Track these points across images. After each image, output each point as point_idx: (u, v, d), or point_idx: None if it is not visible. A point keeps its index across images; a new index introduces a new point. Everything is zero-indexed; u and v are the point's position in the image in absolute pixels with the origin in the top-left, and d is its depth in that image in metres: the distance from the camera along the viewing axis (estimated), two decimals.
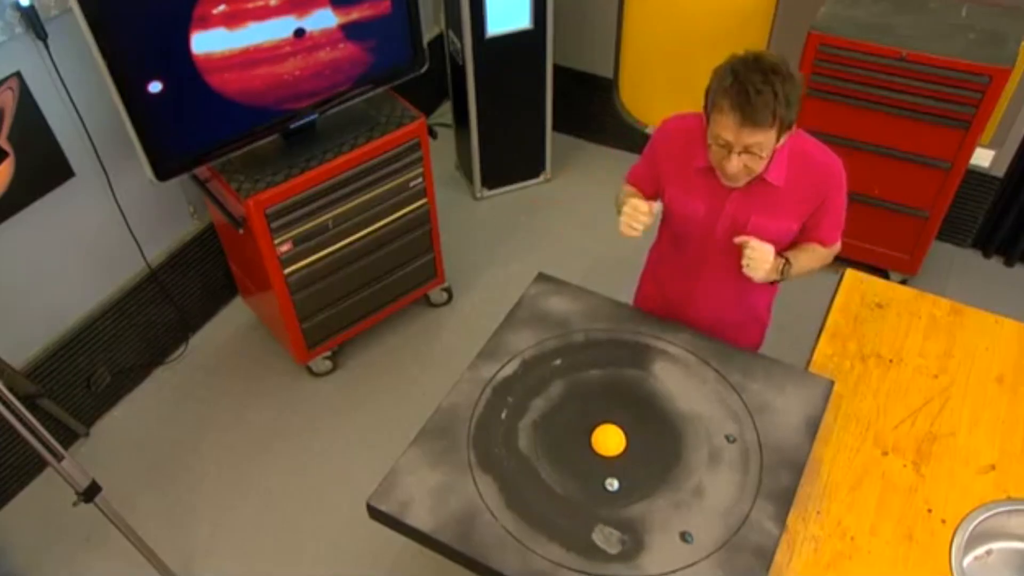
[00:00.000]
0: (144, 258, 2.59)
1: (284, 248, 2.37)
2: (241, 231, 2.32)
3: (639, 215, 1.58)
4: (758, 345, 1.98)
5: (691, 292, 1.84)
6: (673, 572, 1.38)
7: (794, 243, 1.71)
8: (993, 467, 1.60)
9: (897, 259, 2.91)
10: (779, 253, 1.64)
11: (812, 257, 1.70)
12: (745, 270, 1.58)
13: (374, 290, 2.72)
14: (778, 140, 1.48)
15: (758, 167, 1.52)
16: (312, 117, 2.34)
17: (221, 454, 2.57)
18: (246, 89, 2.14)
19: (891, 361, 1.80)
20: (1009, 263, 3.11)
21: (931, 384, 1.76)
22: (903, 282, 2.83)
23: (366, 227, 2.54)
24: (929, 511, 1.53)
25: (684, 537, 1.43)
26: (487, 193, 3.47)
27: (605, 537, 1.44)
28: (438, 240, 2.80)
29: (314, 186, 2.33)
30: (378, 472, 1.57)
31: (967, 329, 1.87)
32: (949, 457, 1.62)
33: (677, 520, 1.46)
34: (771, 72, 1.38)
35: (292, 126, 2.31)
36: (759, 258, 1.57)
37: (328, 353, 2.76)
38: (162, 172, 2.12)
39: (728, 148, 1.47)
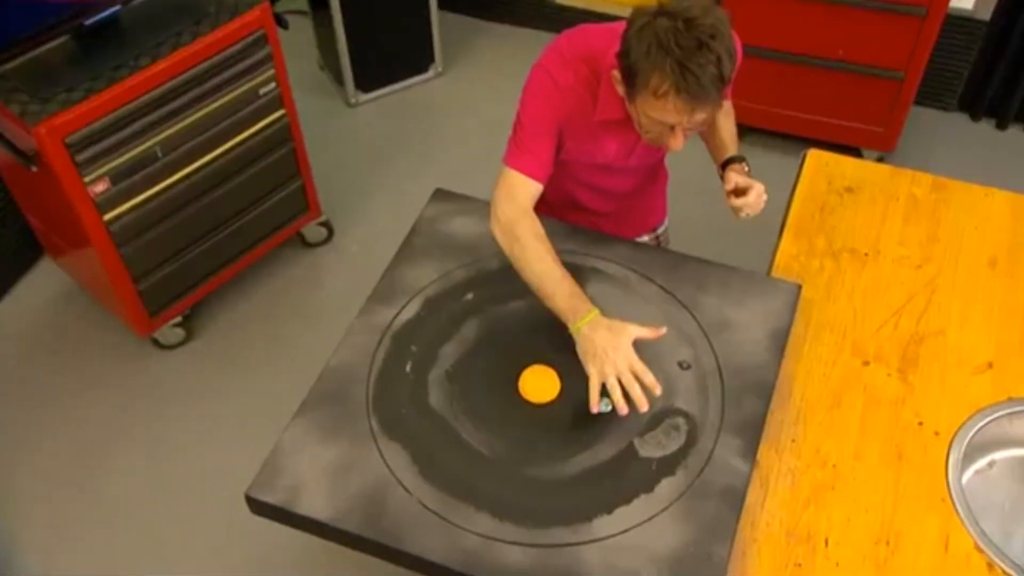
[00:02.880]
0: None
1: (98, 188, 2.30)
2: (34, 169, 2.23)
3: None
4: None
5: (602, 222, 1.94)
6: (627, 531, 1.43)
7: None
8: (990, 365, 1.71)
9: (870, 133, 3.02)
10: (726, 161, 1.79)
11: (731, 118, 1.88)
12: (745, 215, 1.72)
13: (229, 232, 2.68)
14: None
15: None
16: (113, 9, 2.26)
17: (50, 463, 2.52)
18: None
19: (867, 255, 1.89)
20: (1001, 125, 3.26)
21: (914, 277, 1.85)
22: (880, 160, 2.93)
23: (208, 152, 2.48)
24: (920, 424, 1.63)
25: None
26: (363, 97, 3.44)
27: (648, 443, 1.53)
28: (306, 162, 2.77)
29: (129, 102, 2.25)
30: (258, 457, 1.56)
31: (953, 207, 1.96)
32: (939, 359, 1.72)
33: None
34: (710, 39, 1.41)
35: (87, 23, 2.23)
36: (761, 203, 1.71)
37: (178, 319, 2.73)
38: None
39: (672, 128, 1.55)
